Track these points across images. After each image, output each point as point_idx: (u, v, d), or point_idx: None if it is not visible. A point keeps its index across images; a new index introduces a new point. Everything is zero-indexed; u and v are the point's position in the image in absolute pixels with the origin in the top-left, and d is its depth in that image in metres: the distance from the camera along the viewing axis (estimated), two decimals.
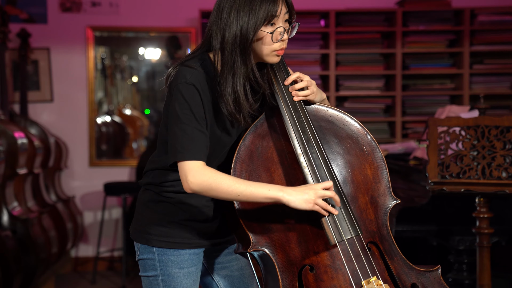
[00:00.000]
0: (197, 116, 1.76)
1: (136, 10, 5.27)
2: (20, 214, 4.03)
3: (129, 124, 5.78)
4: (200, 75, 1.79)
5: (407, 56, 5.10)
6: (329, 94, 5.05)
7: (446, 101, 5.14)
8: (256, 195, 1.74)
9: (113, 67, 5.67)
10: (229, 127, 1.86)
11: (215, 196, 1.77)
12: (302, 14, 5.04)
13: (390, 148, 4.08)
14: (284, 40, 1.81)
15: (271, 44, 1.79)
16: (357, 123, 1.94)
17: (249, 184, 1.76)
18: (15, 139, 4.01)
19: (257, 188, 1.75)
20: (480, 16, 5.04)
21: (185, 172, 1.74)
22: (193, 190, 1.75)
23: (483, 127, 2.71)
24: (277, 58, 1.83)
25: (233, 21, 1.76)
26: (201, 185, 1.73)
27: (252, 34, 1.76)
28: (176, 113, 1.76)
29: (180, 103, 1.76)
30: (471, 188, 2.71)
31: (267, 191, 1.75)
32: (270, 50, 1.81)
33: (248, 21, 1.75)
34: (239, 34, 1.76)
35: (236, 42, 1.76)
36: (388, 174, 1.92)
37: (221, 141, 1.87)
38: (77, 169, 5.39)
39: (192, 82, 1.77)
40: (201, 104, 1.78)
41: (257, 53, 1.81)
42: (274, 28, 1.78)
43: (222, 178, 1.75)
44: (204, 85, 1.79)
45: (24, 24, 5.21)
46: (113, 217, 5.42)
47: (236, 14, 1.76)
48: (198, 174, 1.73)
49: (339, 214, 1.82)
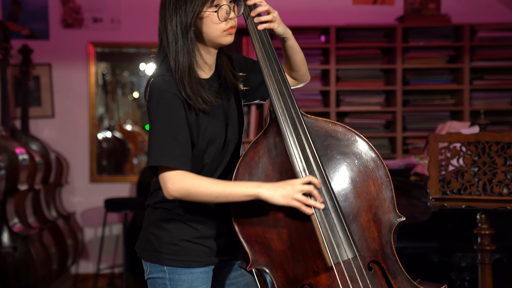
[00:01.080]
0: (172, 122, 1.78)
1: (137, 26, 5.30)
2: (20, 230, 4.02)
3: (130, 140, 5.78)
4: (172, 80, 1.82)
5: (407, 72, 5.12)
6: (329, 110, 5.06)
7: (446, 116, 5.14)
8: (235, 194, 1.77)
9: (114, 82, 5.68)
10: (216, 117, 1.88)
11: (196, 200, 1.80)
12: (303, 30, 5.06)
13: (390, 164, 4.08)
14: (232, 19, 1.84)
15: (219, 23, 1.82)
16: (361, 139, 1.93)
17: (227, 184, 1.79)
18: (16, 155, 4.01)
19: (235, 187, 1.78)
20: (480, 32, 5.06)
21: (164, 181, 1.78)
22: (174, 197, 1.79)
23: (484, 143, 2.71)
24: (230, 37, 1.86)
25: (173, 11, 1.82)
26: (180, 191, 1.77)
27: (190, 17, 1.80)
28: (152, 119, 1.80)
29: (155, 110, 1.80)
30: (472, 204, 2.70)
31: (245, 188, 1.77)
32: (220, 31, 1.83)
33: (186, 7, 1.80)
34: (179, 21, 1.81)
35: (177, 29, 1.81)
36: (392, 191, 1.90)
37: (213, 134, 1.87)
38: (77, 185, 5.39)
39: (166, 89, 1.80)
40: (178, 108, 1.80)
41: (209, 37, 1.84)
42: (220, 8, 1.82)
43: (200, 182, 1.78)
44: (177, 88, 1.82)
45: (26, 40, 5.23)
46: (114, 233, 5.40)
47: (175, 4, 1.81)
48: (177, 181, 1.77)
49: (336, 235, 1.80)
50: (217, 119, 1.89)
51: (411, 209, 3.39)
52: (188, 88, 1.82)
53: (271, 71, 1.91)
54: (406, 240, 3.23)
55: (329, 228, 1.80)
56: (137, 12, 5.28)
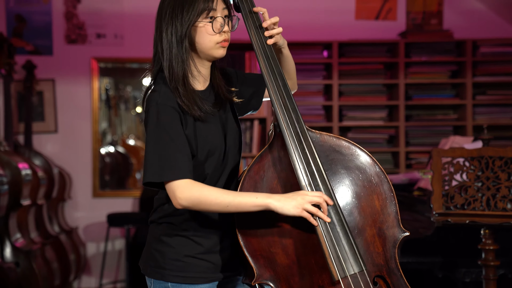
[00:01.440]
0: (173, 134, 1.79)
1: (140, 41, 5.32)
2: (23, 245, 4.02)
3: (133, 155, 5.79)
4: (167, 93, 1.83)
5: (410, 87, 5.12)
6: (332, 125, 5.06)
7: (449, 131, 5.14)
8: (245, 204, 1.77)
9: (117, 97, 5.70)
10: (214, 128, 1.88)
11: (205, 209, 1.80)
12: (305, 45, 5.08)
13: (394, 179, 4.07)
14: (225, 32, 1.86)
15: (213, 34, 1.84)
16: (365, 154, 1.93)
17: (237, 194, 1.79)
18: (19, 170, 4.02)
19: (245, 198, 1.78)
20: (482, 48, 5.08)
21: (172, 190, 1.78)
22: (183, 206, 1.78)
23: (487, 158, 2.71)
24: (222, 50, 1.88)
25: (168, 21, 1.84)
26: (189, 199, 1.77)
27: (186, 27, 1.82)
28: (151, 133, 1.80)
29: (154, 124, 1.80)
30: (476, 219, 2.69)
31: (255, 199, 1.77)
32: (213, 42, 1.85)
33: (182, 17, 1.82)
34: (174, 30, 1.83)
35: (172, 38, 1.83)
36: (397, 205, 1.90)
37: (212, 144, 1.87)
38: (80, 200, 5.39)
39: (163, 102, 1.81)
40: (176, 120, 1.81)
41: (202, 48, 1.86)
42: (215, 20, 1.84)
43: (210, 191, 1.78)
44: (174, 99, 1.83)
45: (29, 56, 5.26)
46: (116, 248, 5.39)
47: (171, 14, 1.84)
48: (186, 190, 1.77)
49: (342, 249, 1.80)
50: (215, 130, 1.89)
51: (415, 224, 3.38)
52: (183, 97, 1.83)
53: (276, 85, 1.92)
54: (410, 255, 3.22)
55: (336, 242, 1.80)
56: (140, 28, 5.31)
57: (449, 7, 5.41)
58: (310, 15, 5.36)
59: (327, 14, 5.38)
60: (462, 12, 5.42)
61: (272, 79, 1.92)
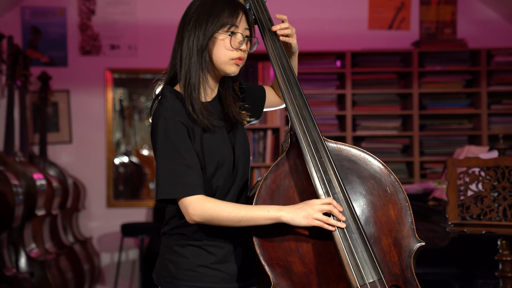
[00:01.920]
0: (182, 150, 1.79)
1: (154, 52, 5.35)
2: (37, 256, 4.03)
3: (147, 165, 5.81)
4: (175, 106, 1.83)
5: (424, 96, 5.10)
6: (346, 134, 5.05)
7: (464, 141, 5.11)
8: (257, 218, 1.78)
9: (131, 108, 5.73)
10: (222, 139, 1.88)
11: (218, 224, 1.80)
12: (318, 55, 5.09)
13: (408, 189, 4.05)
14: (243, 51, 1.86)
15: (230, 49, 1.85)
16: (380, 163, 1.93)
17: (249, 208, 1.79)
18: (34, 180, 4.04)
19: (257, 212, 1.78)
20: (497, 57, 5.05)
21: (185, 206, 1.79)
22: (195, 221, 1.80)
23: (503, 168, 2.68)
24: (235, 68, 1.88)
25: (191, 29, 1.85)
26: (202, 216, 1.78)
27: (208, 37, 1.83)
28: (161, 148, 1.80)
29: (163, 139, 1.80)
30: (493, 230, 2.67)
31: (267, 212, 1.78)
32: (228, 57, 1.86)
33: (206, 27, 1.84)
34: (196, 38, 1.84)
35: (193, 45, 1.84)
36: (412, 215, 1.89)
37: (221, 155, 1.87)
38: (94, 210, 5.40)
39: (171, 117, 1.81)
40: (185, 135, 1.81)
41: (216, 61, 1.86)
42: (233, 34, 1.85)
43: (222, 206, 1.79)
44: (183, 113, 1.83)
45: (44, 67, 5.30)
46: (130, 258, 5.40)
47: (195, 23, 1.85)
48: (198, 206, 1.78)
49: (360, 256, 1.80)
50: (223, 141, 1.89)
51: (430, 234, 3.36)
52: (196, 105, 1.83)
53: (292, 95, 1.92)
54: (426, 266, 3.19)
55: (354, 249, 1.80)
56: (153, 39, 5.34)
57: (462, 16, 5.39)
58: (323, 25, 5.37)
59: (340, 24, 5.38)
60: (476, 21, 5.40)
61: (289, 88, 1.93)
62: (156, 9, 5.34)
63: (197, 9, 1.87)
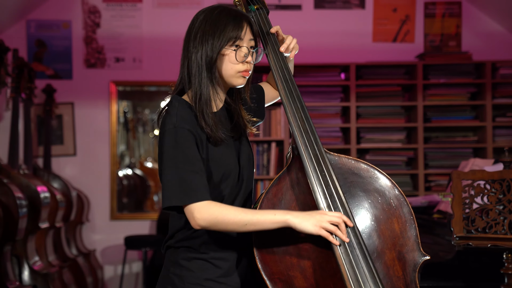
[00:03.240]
0: (191, 158, 1.79)
1: (158, 65, 5.37)
2: (41, 268, 4.02)
3: (151, 177, 5.80)
4: (184, 115, 1.84)
5: (428, 109, 5.09)
6: (350, 147, 5.04)
7: (469, 153, 5.09)
8: (263, 221, 1.76)
9: (136, 120, 5.74)
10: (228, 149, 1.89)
11: (224, 229, 1.78)
12: (323, 68, 5.09)
13: (413, 201, 4.02)
14: (248, 63, 1.88)
15: (236, 63, 1.86)
16: (384, 176, 1.92)
17: (255, 212, 1.78)
18: (37, 193, 4.04)
19: (263, 215, 1.77)
20: (501, 69, 5.04)
21: (191, 211, 1.77)
22: (201, 226, 1.77)
23: (509, 181, 2.66)
24: (242, 80, 1.90)
25: (198, 44, 1.86)
26: (207, 219, 1.76)
27: (216, 53, 1.84)
28: (169, 156, 1.79)
29: (171, 147, 1.80)
30: (498, 243, 2.64)
31: (273, 216, 1.76)
32: (235, 71, 1.87)
33: (213, 42, 1.85)
34: (204, 54, 1.85)
35: (202, 61, 1.85)
36: (416, 229, 1.88)
37: (227, 165, 1.87)
38: (98, 222, 5.39)
39: (180, 125, 1.81)
40: (194, 144, 1.81)
41: (224, 74, 1.88)
42: (238, 48, 1.86)
43: (228, 210, 1.77)
44: (192, 122, 1.83)
45: (49, 80, 5.32)
46: (134, 271, 5.38)
47: (202, 37, 1.86)
48: (204, 210, 1.76)
49: (361, 272, 1.78)
50: (229, 151, 1.90)
51: (435, 247, 3.33)
52: (209, 120, 1.84)
53: (294, 108, 1.93)
54: (430, 279, 3.17)
55: (355, 265, 1.78)
56: (158, 52, 5.36)
57: (467, 29, 5.40)
58: (328, 37, 5.37)
59: (345, 36, 5.39)
60: (480, 34, 5.40)
61: (291, 101, 1.93)
62: (161, 22, 5.36)
63: (202, 23, 1.87)
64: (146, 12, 5.39)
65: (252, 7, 2.01)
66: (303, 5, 5.41)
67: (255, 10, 2.02)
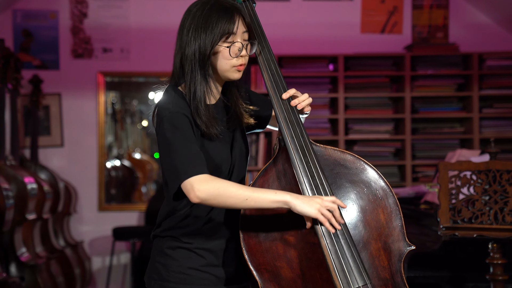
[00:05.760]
0: (188, 138, 1.79)
1: (146, 55, 5.34)
2: (28, 260, 4.01)
3: (139, 168, 5.79)
4: (179, 102, 1.84)
5: (416, 100, 5.11)
6: (338, 138, 5.05)
7: (456, 144, 5.12)
8: (263, 198, 1.76)
9: (123, 111, 5.72)
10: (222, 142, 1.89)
11: (223, 203, 1.76)
12: (311, 59, 5.09)
13: (400, 192, 4.05)
14: (243, 56, 1.88)
15: (230, 58, 1.86)
16: (370, 167, 1.93)
17: (256, 189, 1.79)
18: (24, 184, 4.02)
19: (264, 193, 1.77)
20: (488, 61, 5.07)
21: (191, 184, 1.74)
22: (201, 198, 1.74)
23: (495, 172, 2.69)
24: (238, 74, 1.90)
25: (191, 39, 1.85)
26: (208, 191, 1.74)
27: (209, 49, 1.84)
28: (168, 140, 1.79)
29: (169, 131, 1.80)
30: (484, 233, 2.67)
31: (274, 194, 1.76)
32: (230, 66, 1.87)
33: (205, 38, 1.84)
34: (197, 50, 1.85)
35: (195, 58, 1.85)
36: (402, 219, 1.89)
37: (219, 158, 1.88)
38: (86, 213, 5.38)
39: (176, 110, 1.82)
40: (190, 127, 1.81)
41: (219, 69, 1.88)
42: (233, 44, 1.86)
43: (229, 183, 1.77)
44: (186, 109, 1.83)
45: (36, 71, 5.28)
46: (122, 262, 5.37)
47: (194, 33, 1.85)
48: (204, 182, 1.74)
49: (346, 262, 1.79)
50: (223, 144, 1.90)
51: (422, 238, 3.36)
52: (204, 116, 1.84)
53: (281, 99, 1.93)
54: (417, 269, 3.19)
55: (340, 255, 1.79)
56: (146, 42, 5.33)
57: (454, 20, 5.41)
58: (316, 29, 5.37)
59: (333, 27, 5.39)
60: (467, 26, 5.42)
61: (277, 92, 1.93)
62: (149, 12, 5.33)
63: (194, 17, 1.86)
64: (134, 2, 5.35)
65: (239, 0, 2.01)
66: None
67: (242, 2, 2.01)
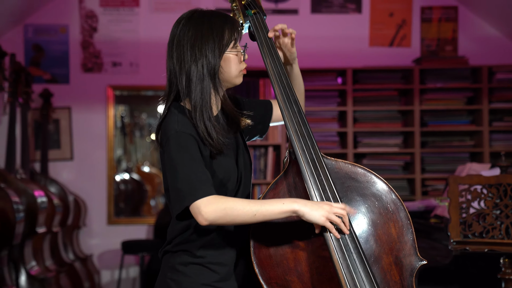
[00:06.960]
0: (194, 158, 1.78)
1: (155, 69, 5.37)
2: (38, 273, 4.01)
3: (148, 182, 5.80)
4: (185, 122, 1.83)
5: (425, 113, 5.10)
6: (347, 151, 5.05)
7: (466, 158, 5.10)
8: (272, 211, 1.75)
9: (133, 125, 5.74)
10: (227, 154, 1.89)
11: (232, 221, 1.76)
12: (320, 72, 5.09)
13: (410, 206, 4.03)
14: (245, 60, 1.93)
15: (238, 64, 1.89)
16: (381, 181, 1.92)
17: (263, 202, 1.77)
18: (35, 197, 4.03)
19: (272, 205, 1.76)
20: (498, 74, 5.05)
21: (198, 207, 1.74)
22: (209, 220, 1.74)
23: (505, 186, 2.67)
24: (241, 78, 1.94)
25: (196, 52, 1.84)
26: (215, 212, 1.73)
27: (219, 59, 1.85)
28: (174, 160, 1.78)
29: (175, 150, 1.79)
30: (495, 248, 2.65)
31: (282, 204, 1.76)
32: (238, 71, 1.90)
33: (214, 47, 1.85)
34: (206, 64, 1.85)
35: (204, 72, 1.84)
36: (413, 233, 1.88)
37: (226, 171, 1.87)
38: (95, 227, 5.38)
39: (182, 130, 1.81)
40: (196, 147, 1.81)
41: (227, 77, 1.89)
42: (238, 49, 1.89)
43: (235, 202, 1.76)
44: (192, 128, 1.83)
45: (46, 85, 5.32)
46: (131, 275, 5.36)
47: (200, 46, 1.84)
48: (211, 204, 1.74)
49: (359, 276, 1.78)
50: (228, 157, 1.90)
51: (432, 252, 3.34)
52: (215, 128, 1.83)
53: (292, 112, 1.92)
54: (427, 284, 3.17)
55: (352, 269, 1.78)
56: (155, 56, 5.36)
57: (463, 33, 5.41)
58: (324, 42, 5.38)
59: (341, 41, 5.40)
60: (477, 39, 5.41)
61: (288, 106, 1.93)
62: (158, 26, 5.37)
63: (194, 31, 1.85)
64: (143, 17, 5.39)
65: (249, 12, 2.02)
66: (300, 10, 5.42)
67: (253, 14, 2.02)
